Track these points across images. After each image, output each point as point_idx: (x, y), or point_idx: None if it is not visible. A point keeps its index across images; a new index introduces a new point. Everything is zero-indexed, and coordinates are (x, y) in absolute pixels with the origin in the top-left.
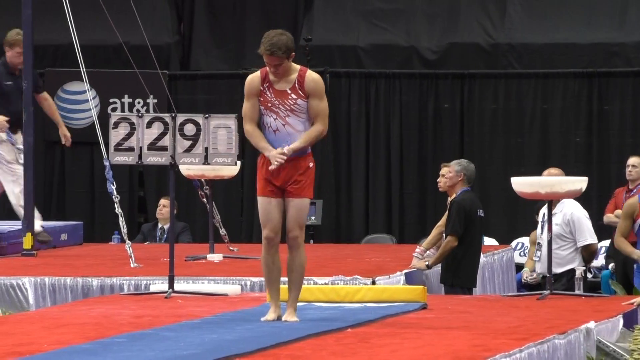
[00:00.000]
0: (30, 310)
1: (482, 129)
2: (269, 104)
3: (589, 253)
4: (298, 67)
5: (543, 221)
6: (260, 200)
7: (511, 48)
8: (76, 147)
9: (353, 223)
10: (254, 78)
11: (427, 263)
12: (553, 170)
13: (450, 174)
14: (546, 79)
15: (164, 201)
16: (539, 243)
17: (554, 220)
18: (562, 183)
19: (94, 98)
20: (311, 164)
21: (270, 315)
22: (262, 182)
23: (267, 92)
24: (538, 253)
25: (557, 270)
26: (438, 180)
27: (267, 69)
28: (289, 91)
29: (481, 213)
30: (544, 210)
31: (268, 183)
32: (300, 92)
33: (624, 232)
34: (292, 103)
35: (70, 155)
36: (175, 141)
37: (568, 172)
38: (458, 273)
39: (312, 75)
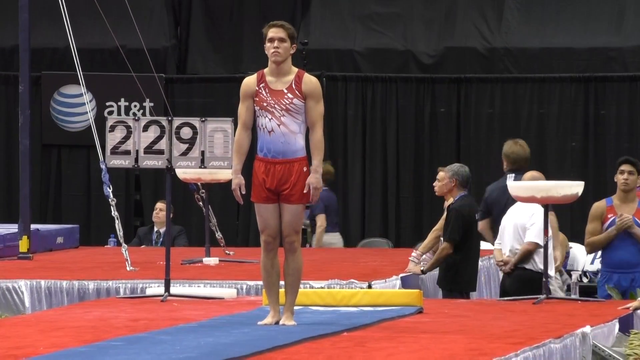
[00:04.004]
0: (26, 314)
1: (479, 133)
2: (264, 104)
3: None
4: (296, 69)
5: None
6: (257, 206)
7: (508, 52)
8: (72, 150)
9: (349, 227)
10: (250, 79)
11: (422, 268)
12: (535, 173)
13: (444, 180)
14: (543, 84)
15: (160, 204)
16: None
17: (518, 211)
18: (558, 187)
19: (90, 101)
20: (305, 168)
21: (269, 319)
22: (257, 188)
23: (263, 92)
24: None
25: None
26: (434, 184)
27: (264, 70)
28: (286, 91)
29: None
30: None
31: (262, 188)
32: (297, 92)
33: None
34: (288, 102)
35: (66, 158)
36: (172, 144)
37: (564, 177)
38: (456, 278)
39: (310, 78)
